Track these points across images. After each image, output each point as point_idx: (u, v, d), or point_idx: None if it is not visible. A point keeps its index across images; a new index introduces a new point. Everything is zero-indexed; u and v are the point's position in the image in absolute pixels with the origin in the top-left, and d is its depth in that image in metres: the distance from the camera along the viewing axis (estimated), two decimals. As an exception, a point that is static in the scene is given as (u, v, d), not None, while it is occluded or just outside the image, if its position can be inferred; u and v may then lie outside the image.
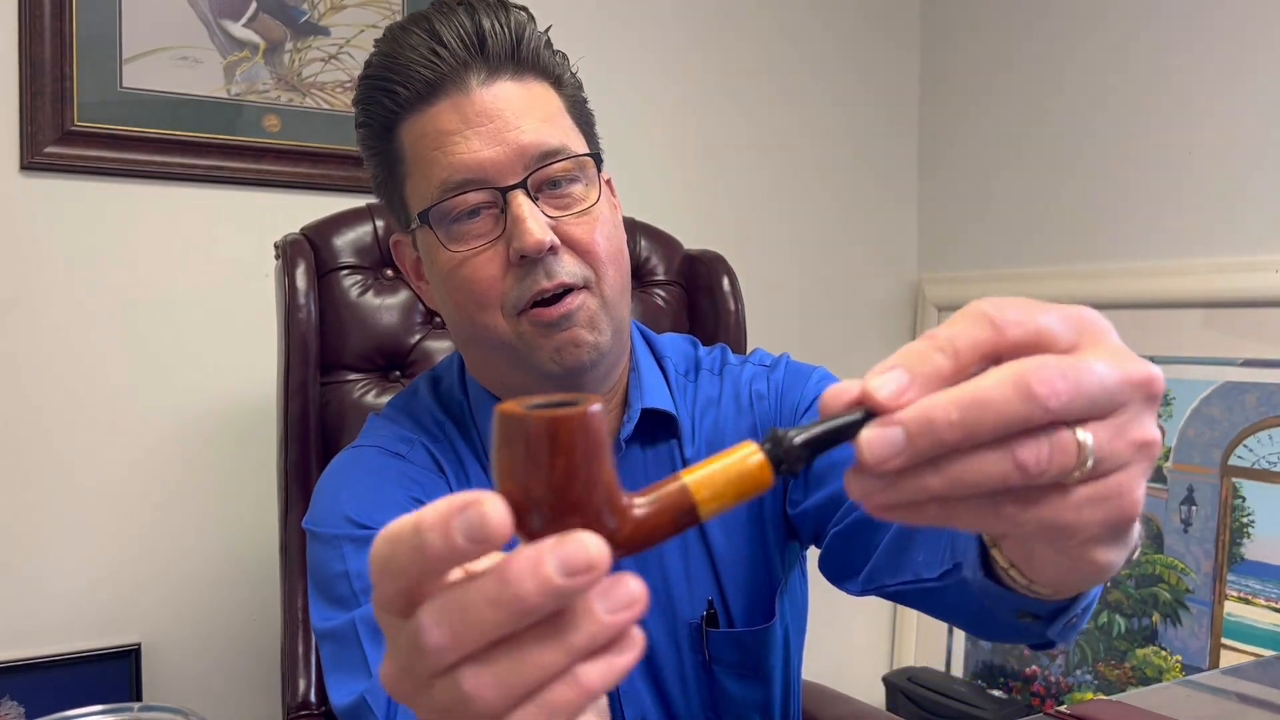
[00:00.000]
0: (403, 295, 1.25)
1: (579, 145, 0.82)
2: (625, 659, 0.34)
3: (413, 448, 0.87)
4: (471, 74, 0.78)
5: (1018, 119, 2.00)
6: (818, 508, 0.85)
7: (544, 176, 0.79)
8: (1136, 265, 1.77)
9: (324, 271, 1.23)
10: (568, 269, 0.79)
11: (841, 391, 0.36)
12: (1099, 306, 1.56)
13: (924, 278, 2.16)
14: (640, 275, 1.38)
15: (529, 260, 0.77)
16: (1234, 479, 1.58)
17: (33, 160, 1.38)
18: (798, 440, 0.35)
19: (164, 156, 1.46)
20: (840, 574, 0.84)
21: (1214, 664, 1.58)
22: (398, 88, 0.79)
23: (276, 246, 1.25)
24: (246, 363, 1.51)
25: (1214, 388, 1.61)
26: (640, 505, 0.35)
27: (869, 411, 0.35)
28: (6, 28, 1.37)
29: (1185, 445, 1.64)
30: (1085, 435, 0.35)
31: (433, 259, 0.82)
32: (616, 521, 0.35)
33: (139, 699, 1.44)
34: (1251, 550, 1.55)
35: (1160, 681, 1.63)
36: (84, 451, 1.43)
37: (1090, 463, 0.35)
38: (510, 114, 0.78)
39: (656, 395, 0.89)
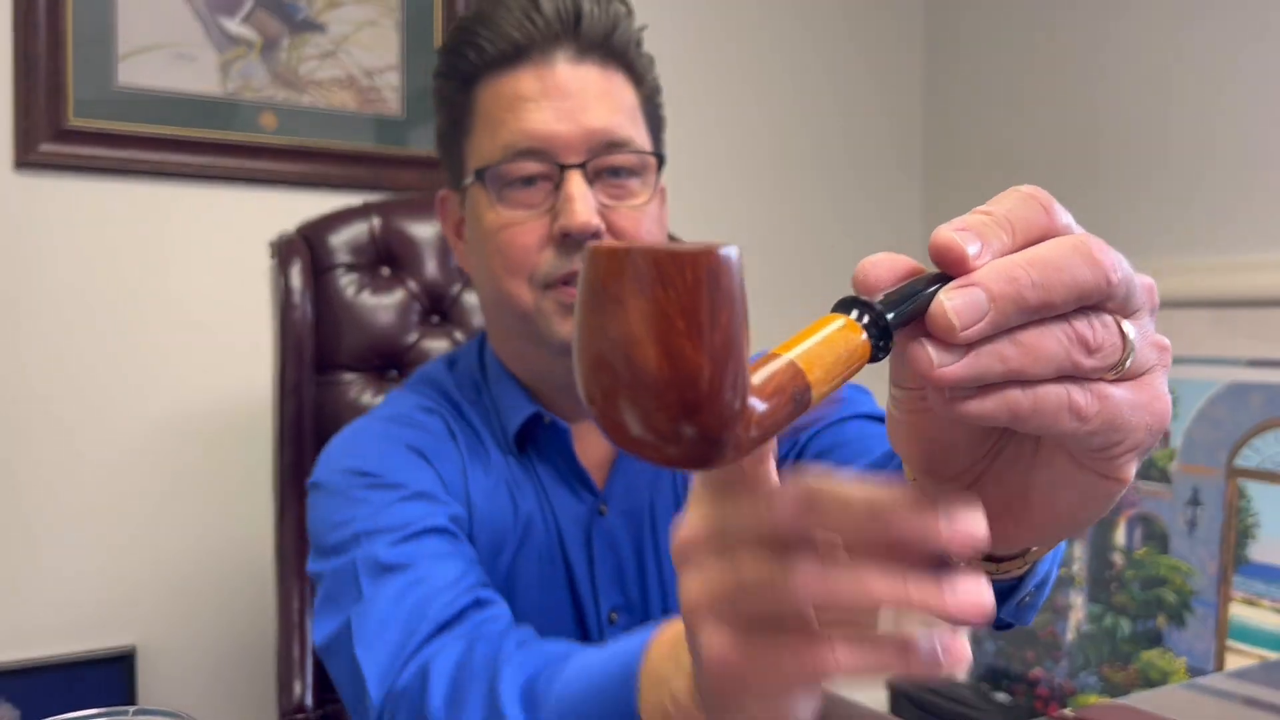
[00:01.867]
0: (399, 294, 1.24)
1: (646, 144, 0.84)
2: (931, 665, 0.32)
3: (430, 416, 0.87)
4: (560, 48, 0.80)
5: (1023, 116, 1.98)
6: None
7: (605, 163, 0.80)
8: (1143, 263, 1.74)
9: (320, 270, 1.22)
10: None
11: (891, 261, 0.34)
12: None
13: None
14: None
15: (571, 240, 0.78)
16: (1240, 480, 1.56)
17: (27, 158, 1.37)
18: (889, 316, 0.31)
19: (159, 154, 1.45)
20: None
21: (1219, 666, 1.56)
22: (485, 44, 0.81)
23: (272, 245, 1.24)
24: (242, 362, 1.50)
25: (1220, 388, 1.60)
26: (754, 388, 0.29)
27: (945, 275, 0.32)
28: (1, 24, 1.36)
29: (1191, 446, 1.63)
30: (1129, 326, 0.34)
31: (477, 217, 0.83)
32: (744, 408, 0.29)
33: (134, 702, 1.43)
34: (1257, 552, 1.53)
35: (1165, 684, 1.61)
36: (78, 453, 1.42)
37: (1131, 357, 0.34)
38: (588, 96, 0.80)
39: None
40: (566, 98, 0.79)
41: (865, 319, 0.31)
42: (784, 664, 0.33)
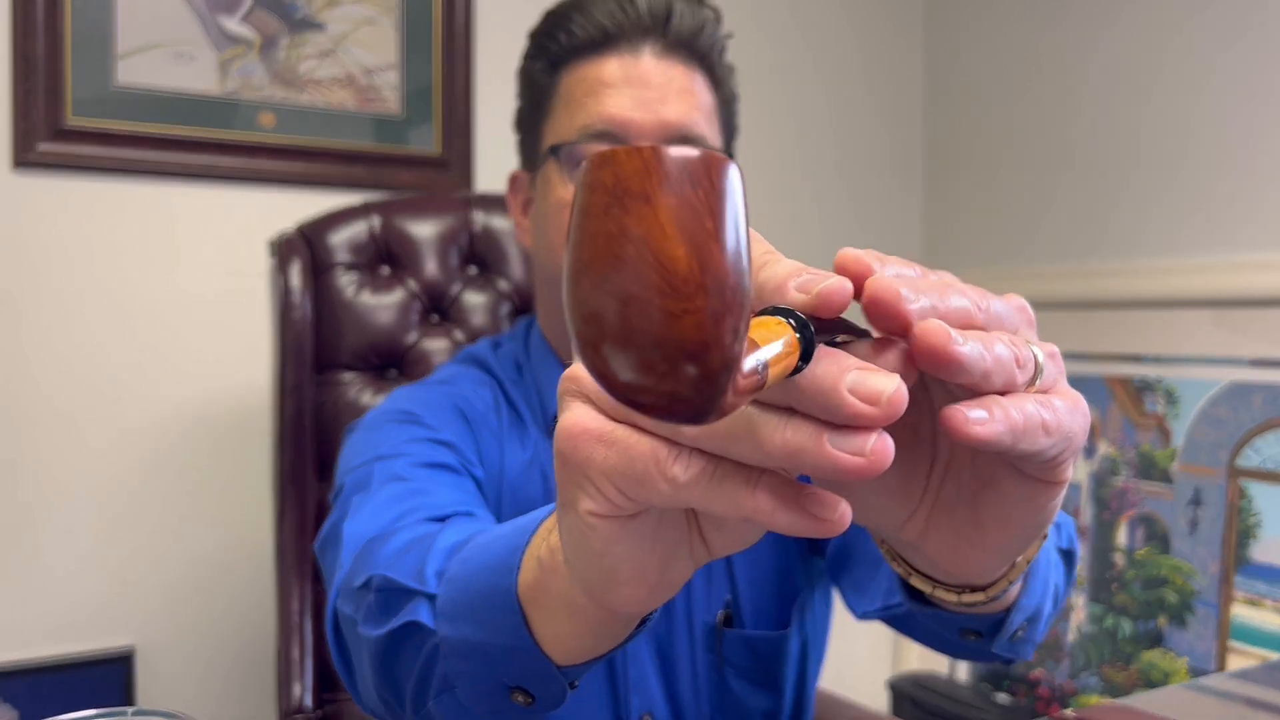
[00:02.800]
0: (399, 294, 1.24)
1: (718, 145, 0.86)
2: (806, 521, 0.33)
3: (480, 388, 0.89)
4: (648, 42, 0.82)
5: (1023, 115, 1.98)
6: None
7: None
8: (1143, 264, 1.76)
9: (320, 270, 1.22)
10: None
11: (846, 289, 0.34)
12: (1106, 305, 1.55)
13: (927, 277, 2.15)
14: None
15: None
16: (1241, 480, 1.56)
17: (26, 158, 1.37)
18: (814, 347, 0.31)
19: (158, 154, 1.45)
20: (844, 592, 0.85)
21: (1221, 666, 1.56)
22: (576, 29, 0.83)
23: (272, 244, 1.24)
24: (241, 362, 1.50)
25: (1221, 388, 1.59)
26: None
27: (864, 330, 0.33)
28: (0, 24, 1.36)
29: (1192, 446, 1.63)
30: (1028, 345, 0.37)
31: (545, 195, 0.85)
32: (740, 358, 0.27)
33: (133, 703, 1.43)
34: (1259, 552, 1.53)
35: (1167, 685, 1.61)
36: (77, 453, 1.42)
37: (1042, 370, 0.37)
38: (669, 90, 0.82)
39: None
40: (648, 88, 0.81)
41: (803, 344, 0.31)
42: (636, 459, 0.33)
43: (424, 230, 1.26)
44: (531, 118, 0.89)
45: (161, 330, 1.47)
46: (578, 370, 0.36)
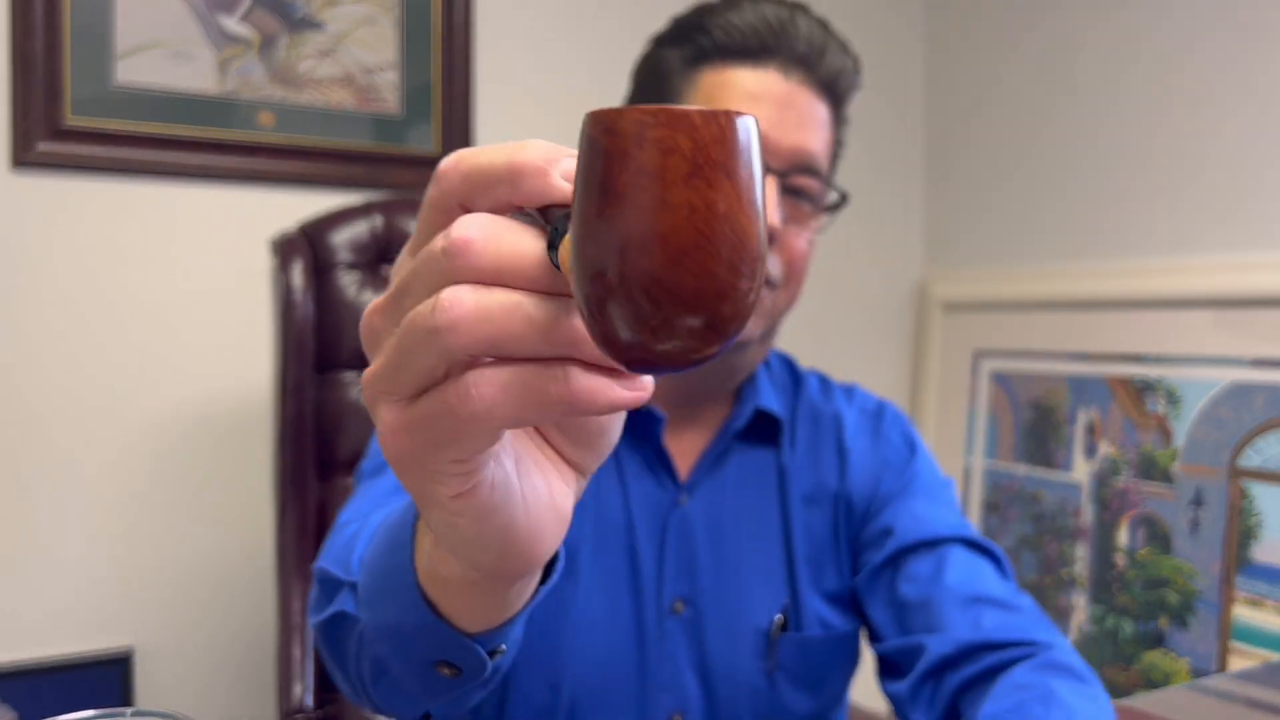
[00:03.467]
0: (399, 293, 1.24)
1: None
2: (626, 395, 0.32)
3: None
4: (798, 69, 0.84)
5: (1025, 114, 1.98)
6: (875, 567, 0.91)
7: (798, 182, 0.84)
8: (1144, 263, 1.75)
9: (321, 269, 1.22)
10: (770, 263, 0.84)
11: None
12: (1106, 305, 1.55)
13: (929, 276, 2.15)
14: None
15: None
16: (1242, 480, 1.56)
17: (25, 157, 1.36)
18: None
19: (157, 153, 1.44)
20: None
21: (1222, 667, 1.56)
22: (735, 32, 0.84)
23: (273, 244, 1.24)
24: (242, 362, 1.50)
25: (1222, 388, 1.59)
26: None
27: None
28: (-2, 22, 1.35)
29: (1193, 446, 1.62)
30: None
31: None
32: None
33: (131, 704, 1.42)
34: (1260, 552, 1.53)
35: (1168, 685, 1.61)
36: (77, 453, 1.42)
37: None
38: (809, 119, 0.84)
39: (769, 398, 0.93)
40: (791, 110, 0.83)
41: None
42: (437, 419, 0.33)
43: (424, 230, 1.26)
44: (650, 102, 0.89)
45: (161, 330, 1.46)
46: (365, 376, 0.35)
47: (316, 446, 1.20)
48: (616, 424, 0.40)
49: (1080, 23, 1.87)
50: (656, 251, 0.26)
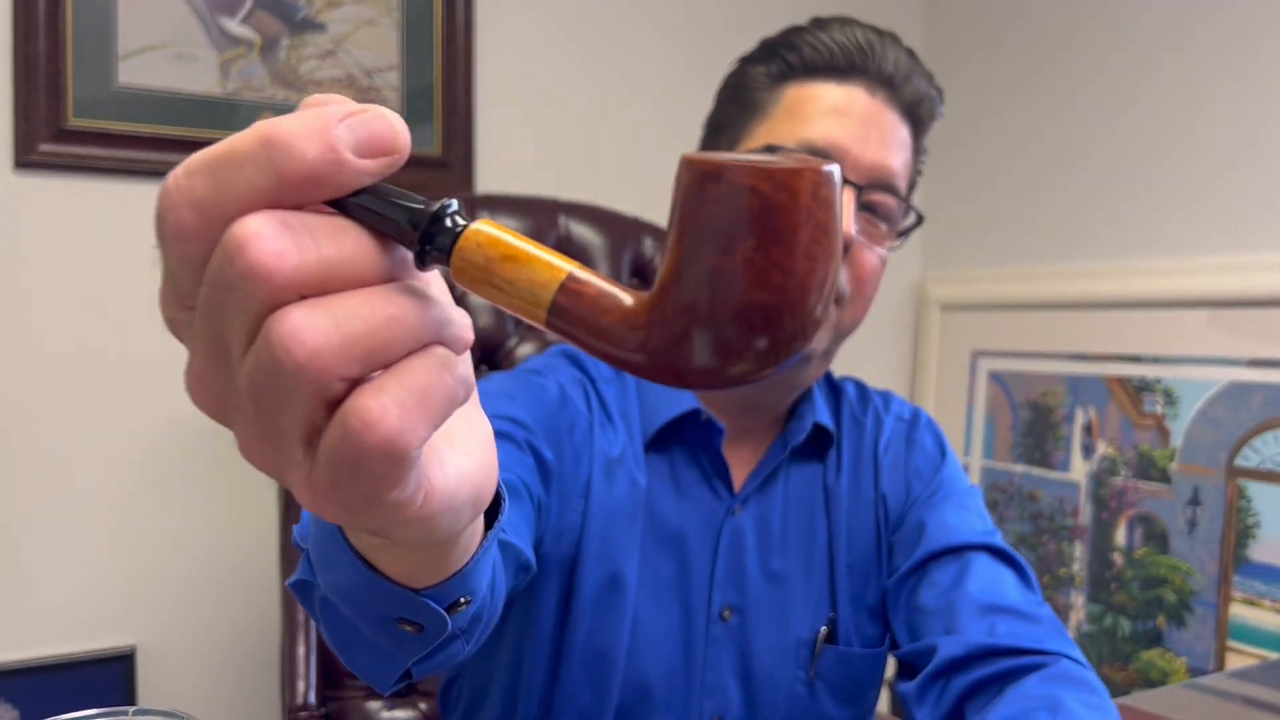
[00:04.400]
0: (400, 294, 1.24)
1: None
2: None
3: (572, 386, 0.89)
4: (882, 89, 0.86)
5: (1022, 116, 1.98)
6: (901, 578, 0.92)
7: (874, 198, 0.85)
8: (1142, 264, 1.76)
9: (321, 270, 1.22)
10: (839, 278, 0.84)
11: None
12: (1105, 305, 1.56)
13: (928, 277, 2.15)
14: (645, 276, 1.37)
15: None
16: (1240, 480, 1.56)
17: (27, 158, 1.37)
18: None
19: (159, 154, 1.45)
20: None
21: (1220, 666, 1.56)
22: (822, 48, 0.86)
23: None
24: (243, 363, 1.50)
25: (1219, 388, 1.60)
26: None
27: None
28: (0, 24, 1.36)
29: (1190, 446, 1.63)
30: None
31: None
32: None
33: (134, 703, 1.43)
34: (1257, 552, 1.53)
35: (1165, 684, 1.61)
36: (79, 452, 1.42)
37: None
38: (890, 137, 0.86)
39: (824, 413, 0.94)
40: (871, 127, 0.84)
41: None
42: (354, 465, 0.28)
43: (425, 231, 1.26)
44: (735, 120, 0.91)
45: (163, 330, 1.46)
46: (246, 450, 0.31)
47: (318, 446, 1.21)
48: None
49: (1078, 23, 1.88)
50: (809, 294, 0.29)
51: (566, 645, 0.85)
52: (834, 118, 0.84)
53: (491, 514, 0.45)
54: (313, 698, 1.17)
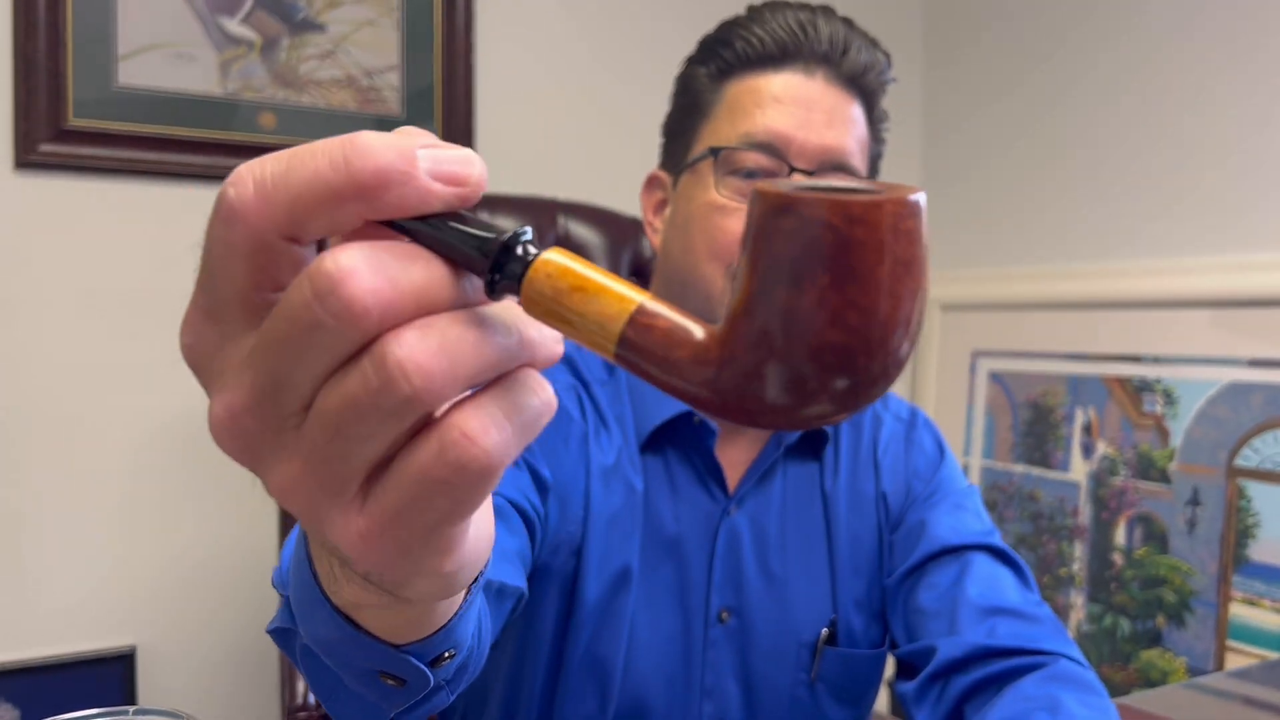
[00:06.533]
0: (400, 294, 1.24)
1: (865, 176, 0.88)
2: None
3: (565, 392, 0.88)
4: (822, 68, 0.85)
5: (1023, 115, 1.98)
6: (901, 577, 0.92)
7: (828, 181, 0.82)
8: (1142, 263, 1.76)
9: (320, 270, 1.22)
10: None
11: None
12: (1104, 304, 1.56)
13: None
14: (643, 276, 1.37)
15: None
16: (1240, 480, 1.56)
17: (27, 159, 1.37)
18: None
19: (159, 154, 1.45)
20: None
21: (1219, 666, 1.56)
22: (755, 40, 0.85)
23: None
24: (243, 363, 1.50)
25: (1220, 388, 1.60)
26: None
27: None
28: (1, 25, 1.36)
29: (1191, 446, 1.63)
30: None
31: (690, 197, 0.86)
32: None
33: (134, 703, 1.43)
34: (1257, 552, 1.53)
35: (1165, 684, 1.61)
36: (80, 452, 1.42)
37: None
38: (835, 116, 0.84)
39: None
40: (815, 110, 0.83)
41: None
42: (432, 488, 0.28)
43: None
44: (686, 122, 0.90)
45: (163, 330, 1.47)
46: (282, 490, 0.30)
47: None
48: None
49: (1078, 22, 1.88)
50: (895, 332, 0.28)
51: (567, 654, 0.85)
52: (774, 107, 0.83)
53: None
54: (312, 698, 1.17)
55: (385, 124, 1.59)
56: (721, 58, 0.87)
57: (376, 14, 1.58)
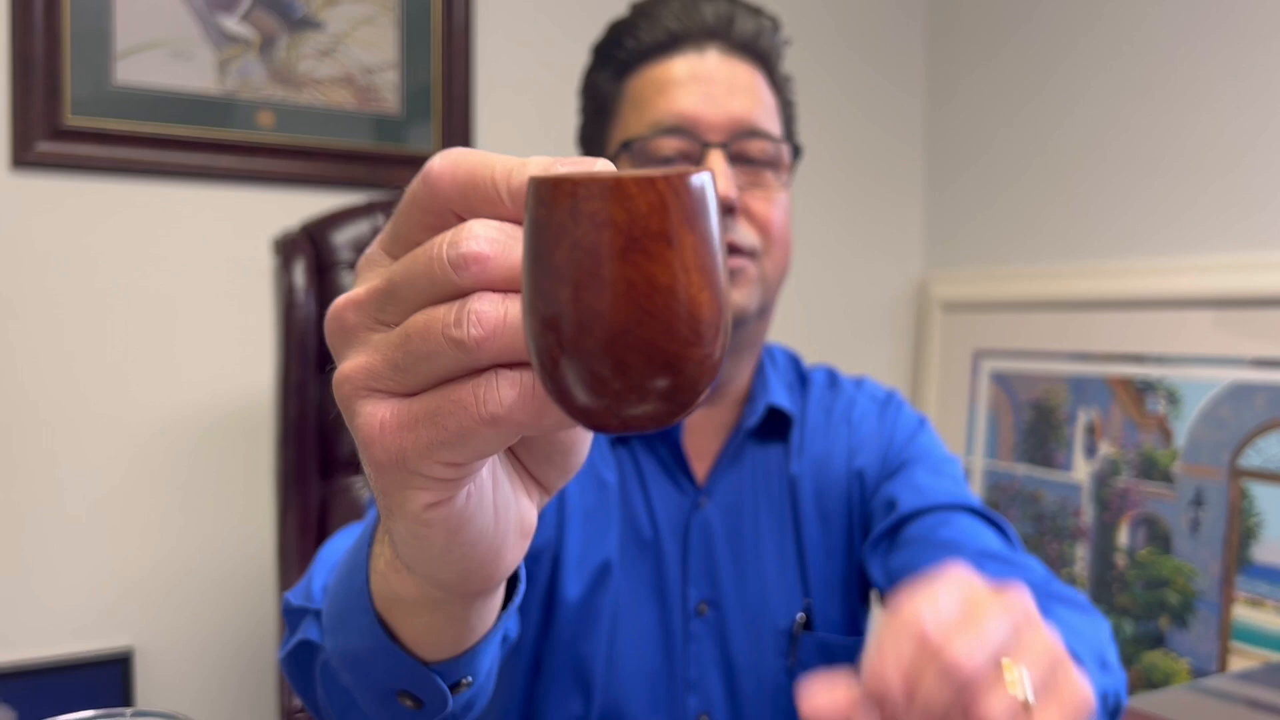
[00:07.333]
0: (399, 293, 1.24)
1: (781, 138, 0.89)
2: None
3: None
4: (712, 43, 0.86)
5: (1025, 114, 1.98)
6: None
7: (744, 148, 0.84)
8: (1144, 263, 1.75)
9: (323, 268, 1.22)
10: (742, 233, 0.83)
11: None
12: (1107, 305, 1.55)
13: (929, 275, 2.15)
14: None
15: None
16: (1243, 480, 1.56)
17: (24, 157, 1.36)
18: None
19: (157, 153, 1.44)
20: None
21: (1223, 667, 1.56)
22: (643, 34, 0.86)
23: (276, 243, 1.24)
24: (243, 361, 1.50)
25: (1223, 388, 1.59)
26: None
27: None
28: (-3, 22, 1.35)
29: (1194, 446, 1.62)
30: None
31: None
32: None
33: (131, 704, 1.42)
34: (1260, 553, 1.53)
35: (1168, 685, 1.61)
36: (78, 453, 1.42)
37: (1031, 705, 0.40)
38: (735, 86, 0.85)
39: (781, 395, 0.93)
40: (714, 84, 0.84)
41: None
42: (447, 418, 0.32)
43: (424, 230, 1.26)
44: (596, 129, 0.92)
45: (162, 330, 1.46)
46: (344, 371, 0.35)
47: (318, 446, 1.20)
48: (584, 442, 0.39)
49: (1080, 23, 1.87)
50: (596, 328, 0.25)
51: (548, 656, 0.85)
52: (675, 90, 0.84)
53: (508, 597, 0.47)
54: (310, 700, 1.17)
55: (384, 122, 1.59)
56: (616, 58, 0.89)
57: (375, 12, 1.57)
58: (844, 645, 0.90)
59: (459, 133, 1.63)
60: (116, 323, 1.44)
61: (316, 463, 1.20)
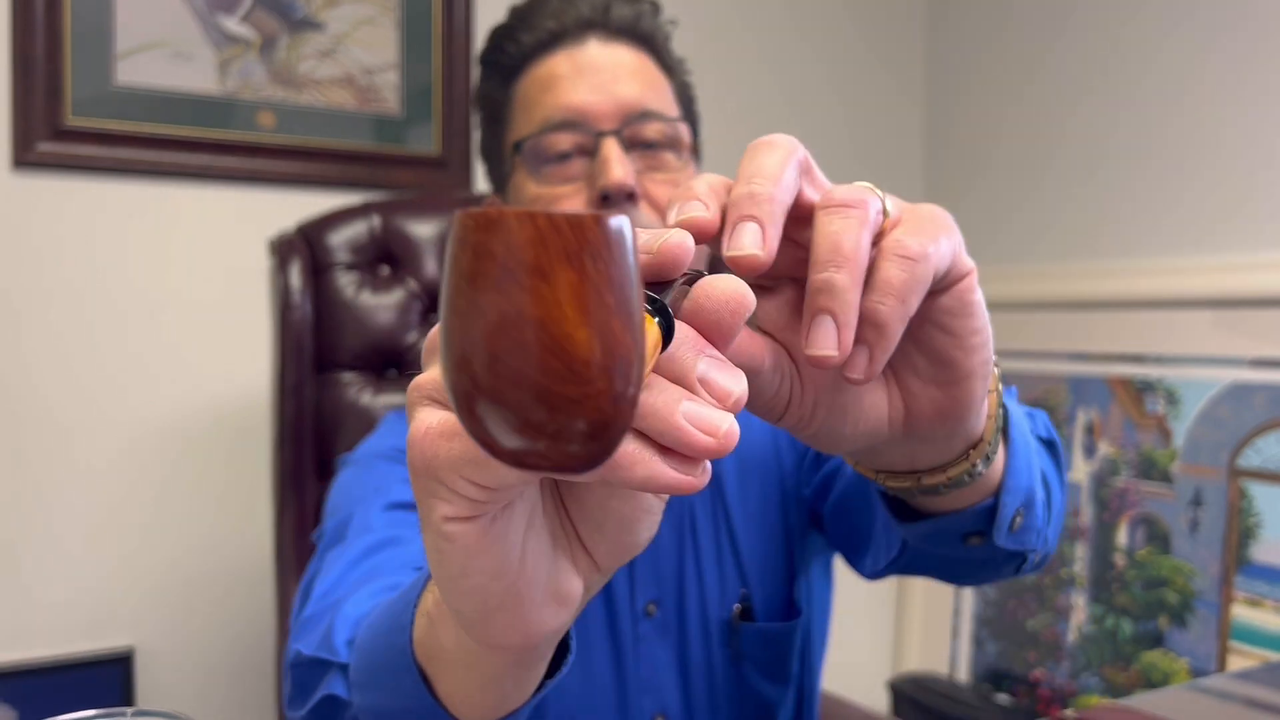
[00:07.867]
0: (399, 294, 1.24)
1: (678, 120, 0.87)
2: (669, 474, 0.32)
3: None
4: (591, 33, 0.85)
5: (1025, 115, 1.98)
6: (821, 483, 0.88)
7: (638, 132, 0.83)
8: (1145, 263, 1.75)
9: (319, 269, 1.22)
10: (643, 220, 0.82)
11: (684, 245, 0.36)
12: (1106, 305, 1.55)
13: (927, 277, 2.15)
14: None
15: (610, 204, 0.80)
16: (1242, 480, 1.56)
17: (25, 158, 1.37)
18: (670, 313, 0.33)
19: (158, 154, 1.44)
20: (849, 554, 0.86)
21: (1222, 667, 1.56)
22: (523, 36, 0.85)
23: (271, 244, 1.24)
24: (241, 362, 1.50)
25: (1222, 388, 1.59)
26: None
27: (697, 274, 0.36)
28: (-2, 23, 1.36)
29: (1193, 446, 1.62)
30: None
31: (517, 200, 0.86)
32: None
33: (132, 704, 1.43)
34: (1259, 552, 1.53)
35: (1167, 685, 1.61)
36: (77, 453, 1.42)
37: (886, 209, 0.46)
38: (620, 71, 0.84)
39: None
40: (599, 73, 0.83)
41: (663, 328, 0.32)
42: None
43: (424, 230, 1.26)
44: (494, 138, 0.90)
45: (160, 330, 1.47)
46: (417, 379, 0.35)
47: (315, 446, 1.20)
48: (642, 525, 0.37)
49: (1081, 23, 1.87)
50: (473, 359, 0.25)
51: None
52: (560, 85, 0.83)
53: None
54: (310, 699, 1.17)
55: (384, 123, 1.59)
56: (501, 65, 0.88)
57: (376, 12, 1.57)
58: (782, 631, 0.89)
59: (459, 133, 1.64)
60: (116, 323, 1.44)
61: (313, 463, 1.20)
